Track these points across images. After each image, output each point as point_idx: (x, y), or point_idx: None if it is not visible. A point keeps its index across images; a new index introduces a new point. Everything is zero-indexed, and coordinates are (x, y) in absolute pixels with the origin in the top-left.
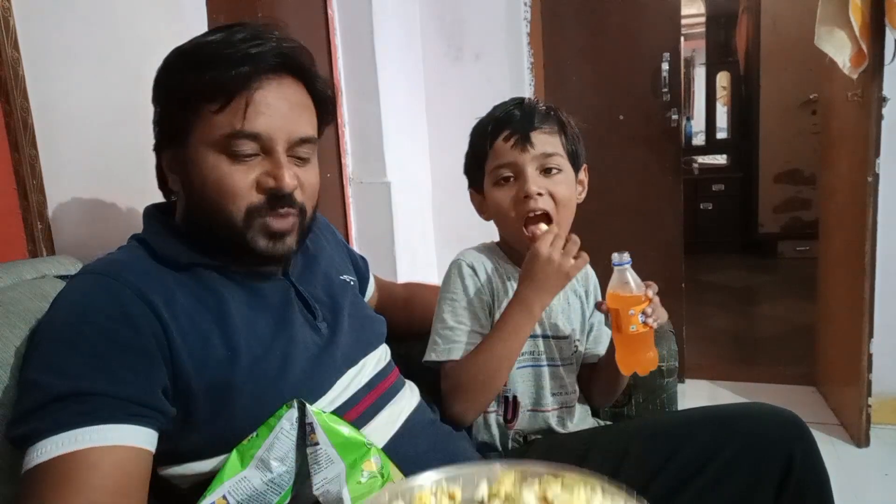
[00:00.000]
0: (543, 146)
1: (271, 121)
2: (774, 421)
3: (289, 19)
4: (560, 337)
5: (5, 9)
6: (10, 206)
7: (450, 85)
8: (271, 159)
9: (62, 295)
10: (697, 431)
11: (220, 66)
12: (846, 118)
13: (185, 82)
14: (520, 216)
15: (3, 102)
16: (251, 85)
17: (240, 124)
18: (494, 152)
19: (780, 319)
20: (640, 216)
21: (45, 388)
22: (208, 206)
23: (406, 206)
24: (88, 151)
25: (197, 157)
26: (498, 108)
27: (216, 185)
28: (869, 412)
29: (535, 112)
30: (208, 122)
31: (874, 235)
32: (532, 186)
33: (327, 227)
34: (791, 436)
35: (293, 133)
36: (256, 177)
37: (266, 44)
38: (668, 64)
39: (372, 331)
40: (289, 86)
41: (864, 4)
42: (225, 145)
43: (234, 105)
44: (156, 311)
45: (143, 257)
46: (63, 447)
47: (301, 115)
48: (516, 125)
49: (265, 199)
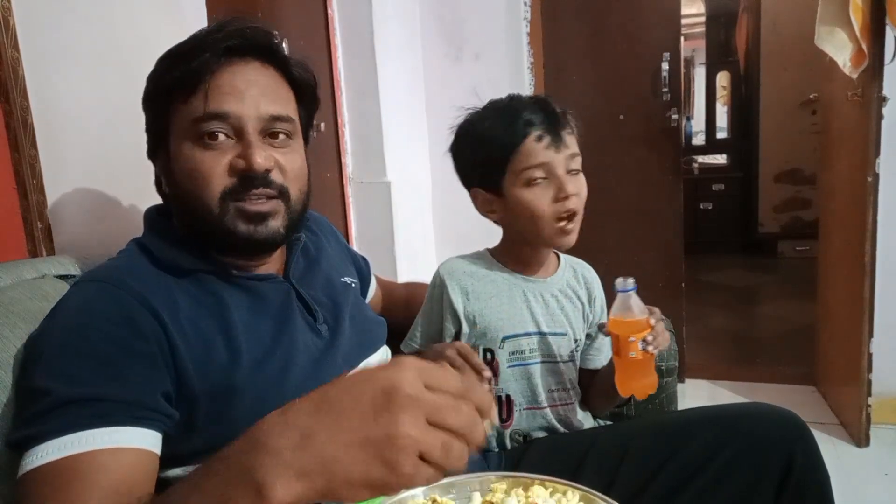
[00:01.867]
0: (571, 146)
1: (237, 101)
2: (775, 421)
3: (289, 19)
4: (558, 334)
5: (5, 9)
6: (10, 206)
7: (450, 85)
8: (243, 142)
9: (64, 302)
10: (697, 431)
11: (183, 59)
12: (846, 118)
13: (158, 83)
14: (554, 216)
15: (3, 102)
16: (212, 69)
17: (207, 105)
18: (524, 152)
19: (780, 319)
20: (640, 216)
21: (50, 393)
22: (187, 198)
23: (406, 206)
24: (88, 151)
25: (175, 152)
26: (505, 107)
27: (190, 173)
28: (869, 412)
29: (553, 109)
30: (179, 115)
31: (874, 235)
32: (571, 187)
33: (329, 228)
34: (792, 436)
35: (262, 111)
36: (229, 160)
37: (225, 30)
38: (668, 64)
39: (373, 333)
40: (256, 68)
41: (865, 4)
42: (195, 133)
43: (199, 91)
44: (159, 317)
45: (144, 263)
46: (69, 449)
47: (271, 96)
48: (548, 125)
49: (238, 181)
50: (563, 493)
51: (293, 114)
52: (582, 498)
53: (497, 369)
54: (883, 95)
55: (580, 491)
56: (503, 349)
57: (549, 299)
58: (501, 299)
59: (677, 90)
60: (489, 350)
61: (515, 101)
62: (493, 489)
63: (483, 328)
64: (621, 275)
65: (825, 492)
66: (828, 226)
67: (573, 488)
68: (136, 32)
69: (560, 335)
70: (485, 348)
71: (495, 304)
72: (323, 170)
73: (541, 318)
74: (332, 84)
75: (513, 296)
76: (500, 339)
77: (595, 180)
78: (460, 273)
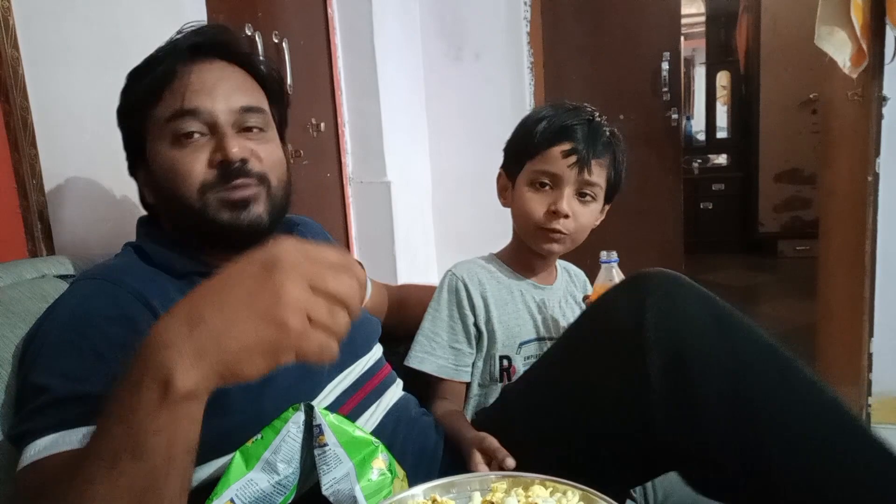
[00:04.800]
0: (594, 175)
1: (208, 96)
2: (614, 295)
3: (289, 19)
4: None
5: (5, 9)
6: (10, 206)
7: (450, 85)
8: (217, 136)
9: (61, 300)
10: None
11: (150, 67)
12: (846, 118)
13: (128, 96)
14: (541, 225)
15: (3, 102)
16: (178, 70)
17: (177, 104)
18: (546, 157)
19: (781, 319)
20: (640, 216)
21: (47, 389)
22: (169, 197)
23: (406, 206)
24: (88, 151)
25: (152, 156)
26: (564, 112)
27: (169, 172)
28: (869, 412)
29: (600, 137)
30: (153, 120)
31: (874, 235)
32: (565, 206)
33: (321, 233)
34: (635, 295)
35: (233, 103)
36: (206, 156)
37: (185, 32)
38: (668, 64)
39: (365, 335)
40: (221, 67)
41: (865, 3)
42: (170, 132)
43: (168, 93)
44: (155, 314)
45: (140, 263)
46: (66, 444)
47: (239, 89)
48: (581, 146)
49: (217, 174)
50: (563, 493)
51: (264, 106)
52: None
53: (513, 375)
54: (883, 95)
55: (580, 491)
56: (520, 354)
57: (555, 306)
58: (517, 305)
59: (677, 90)
60: (505, 357)
61: (574, 111)
62: (493, 489)
63: (502, 333)
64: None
65: (682, 338)
66: (828, 226)
67: (573, 488)
68: (136, 32)
69: None
70: (501, 356)
71: (511, 309)
72: (323, 170)
73: (550, 324)
74: (332, 84)
75: (526, 301)
76: (518, 344)
77: None
78: (479, 278)
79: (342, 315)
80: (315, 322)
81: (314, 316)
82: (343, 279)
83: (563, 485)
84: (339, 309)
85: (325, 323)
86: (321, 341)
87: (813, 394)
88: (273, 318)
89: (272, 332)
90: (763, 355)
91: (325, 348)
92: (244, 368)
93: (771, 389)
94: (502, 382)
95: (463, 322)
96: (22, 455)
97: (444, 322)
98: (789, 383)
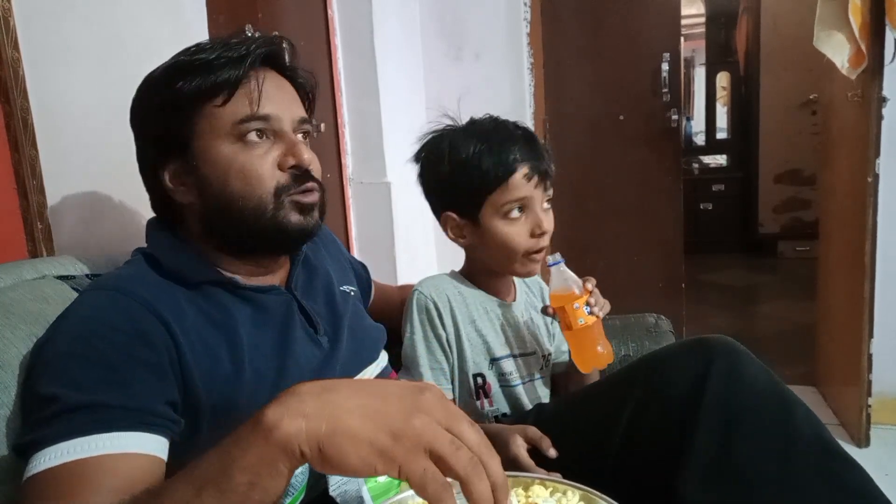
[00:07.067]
0: (552, 182)
1: (276, 103)
2: (676, 353)
3: (289, 19)
4: (527, 354)
5: (5, 9)
6: (10, 206)
7: (450, 85)
8: (283, 140)
9: (72, 310)
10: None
11: (221, 65)
12: (846, 118)
13: (183, 89)
14: (527, 250)
15: (3, 102)
16: (251, 74)
17: (250, 108)
18: (509, 186)
19: (780, 319)
20: (640, 216)
21: (55, 399)
22: (234, 198)
23: (406, 206)
24: (88, 151)
25: (209, 154)
26: (497, 139)
27: (239, 172)
28: (869, 412)
29: (536, 143)
30: (214, 118)
31: (874, 235)
32: (546, 225)
33: (330, 237)
34: (698, 361)
35: (295, 114)
36: (275, 158)
37: (254, 41)
38: (668, 64)
39: (371, 342)
40: (280, 78)
41: (864, 5)
42: (237, 133)
43: (239, 94)
44: (167, 327)
45: (151, 273)
46: (72, 454)
47: (295, 100)
48: (535, 162)
49: (289, 177)
50: (563, 493)
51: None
52: (582, 497)
53: (490, 391)
54: (883, 96)
55: (580, 491)
56: (492, 371)
57: (520, 322)
58: (484, 322)
59: (677, 90)
60: (479, 375)
61: (503, 130)
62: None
63: (470, 350)
64: (621, 275)
65: (740, 401)
66: (828, 226)
67: (573, 488)
68: (136, 32)
69: (530, 355)
70: (474, 374)
71: (480, 326)
72: (323, 170)
73: (514, 342)
74: (332, 84)
75: (492, 319)
76: (489, 361)
77: (595, 180)
78: (447, 294)
79: (470, 458)
80: (433, 453)
81: (436, 447)
82: (477, 435)
83: (563, 485)
84: (467, 452)
85: (444, 454)
86: (431, 471)
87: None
88: (395, 431)
89: (387, 441)
90: (813, 447)
91: (429, 479)
92: (347, 452)
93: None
94: (479, 400)
95: (438, 340)
96: (28, 464)
97: (421, 344)
98: (836, 489)
